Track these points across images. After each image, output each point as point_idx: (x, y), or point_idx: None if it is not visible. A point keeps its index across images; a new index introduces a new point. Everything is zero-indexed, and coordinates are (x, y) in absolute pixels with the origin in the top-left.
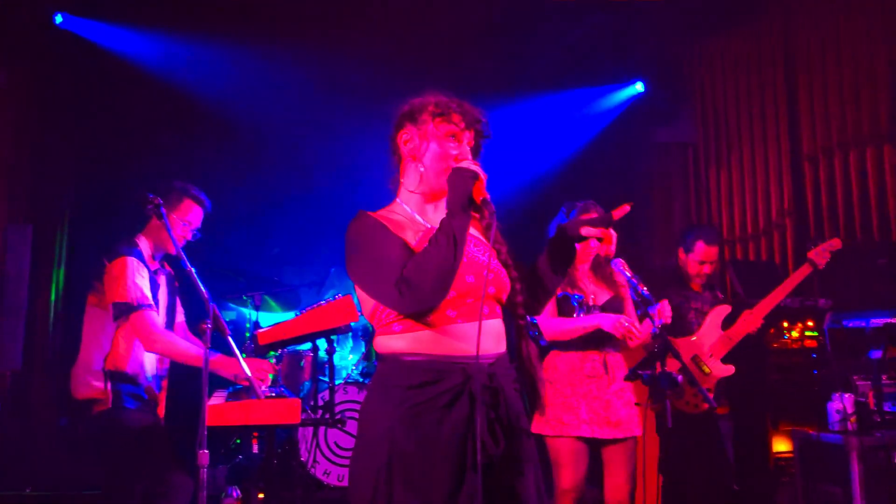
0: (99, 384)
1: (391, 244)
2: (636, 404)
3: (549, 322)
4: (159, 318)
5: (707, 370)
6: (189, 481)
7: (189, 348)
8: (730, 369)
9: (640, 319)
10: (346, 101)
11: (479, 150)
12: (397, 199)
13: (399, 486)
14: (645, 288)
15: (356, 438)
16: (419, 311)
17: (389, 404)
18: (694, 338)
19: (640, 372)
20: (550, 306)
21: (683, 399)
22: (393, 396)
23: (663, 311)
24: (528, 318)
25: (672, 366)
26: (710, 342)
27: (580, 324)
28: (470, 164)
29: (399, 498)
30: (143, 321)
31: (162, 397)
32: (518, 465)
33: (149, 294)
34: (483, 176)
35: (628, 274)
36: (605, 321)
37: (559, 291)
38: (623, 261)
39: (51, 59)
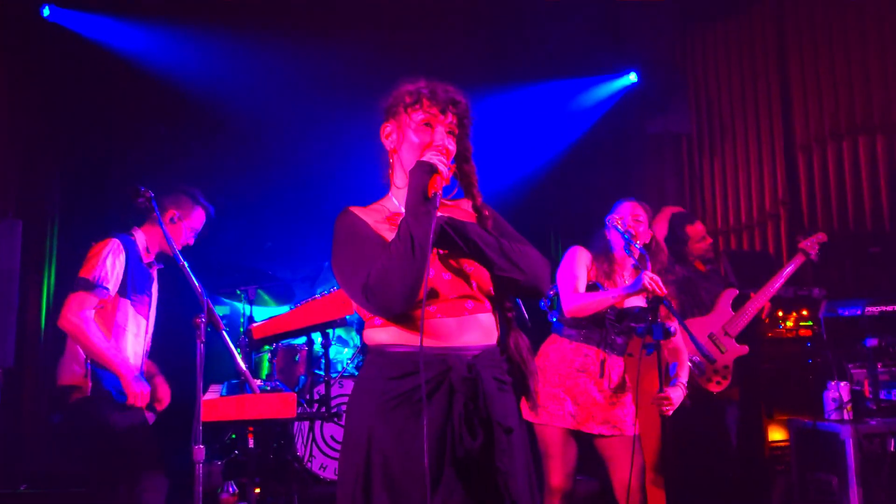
0: (80, 371)
1: (365, 245)
2: (628, 355)
3: (576, 296)
4: (92, 301)
5: (723, 348)
6: (163, 481)
7: (101, 344)
8: (744, 349)
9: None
10: (339, 95)
11: (465, 131)
12: (389, 193)
13: (378, 479)
14: (639, 242)
15: (343, 431)
16: (388, 315)
17: (370, 396)
18: (707, 316)
19: (632, 325)
20: (581, 287)
21: (705, 376)
22: (374, 388)
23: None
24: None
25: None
26: (723, 322)
27: (608, 295)
28: (431, 155)
29: (378, 491)
30: (78, 298)
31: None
32: (501, 459)
33: (112, 279)
34: (442, 168)
35: (621, 228)
36: (630, 289)
37: (592, 279)
38: (616, 216)
39: (39, 53)
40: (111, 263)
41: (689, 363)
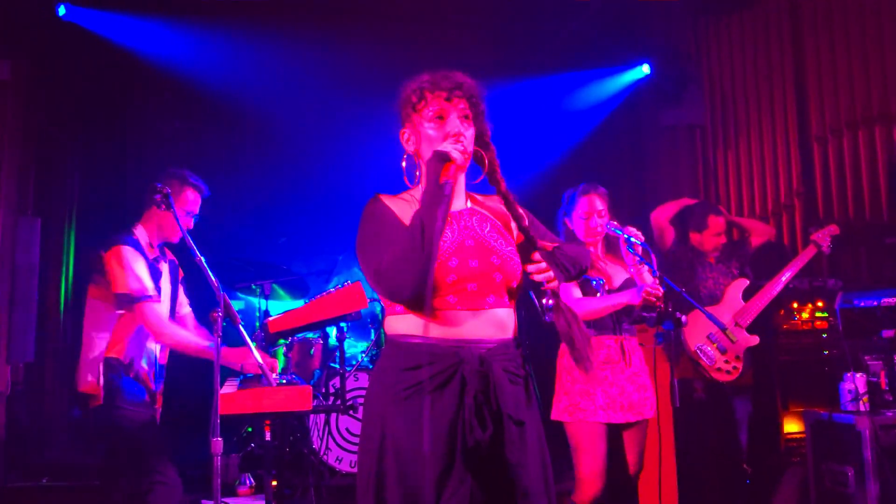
0: (93, 379)
1: (386, 230)
2: (640, 345)
3: (577, 303)
4: (162, 307)
5: (734, 338)
6: (178, 480)
7: (197, 340)
8: (755, 339)
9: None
10: (353, 89)
11: (478, 111)
12: (419, 185)
13: (391, 468)
14: (641, 237)
15: (361, 420)
16: (399, 301)
17: (384, 386)
18: (717, 306)
19: (644, 314)
20: (574, 288)
21: (715, 366)
22: (388, 378)
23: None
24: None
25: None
26: (733, 312)
27: (610, 302)
28: (446, 144)
29: (391, 480)
30: (150, 313)
31: (158, 393)
32: (512, 451)
33: (149, 284)
34: (456, 156)
35: (614, 225)
36: (633, 296)
37: None
38: (615, 223)
39: (55, 51)
40: (140, 269)
41: (699, 351)
